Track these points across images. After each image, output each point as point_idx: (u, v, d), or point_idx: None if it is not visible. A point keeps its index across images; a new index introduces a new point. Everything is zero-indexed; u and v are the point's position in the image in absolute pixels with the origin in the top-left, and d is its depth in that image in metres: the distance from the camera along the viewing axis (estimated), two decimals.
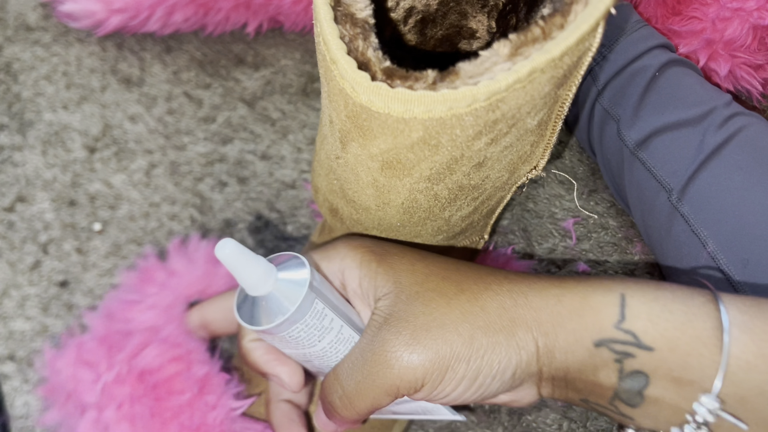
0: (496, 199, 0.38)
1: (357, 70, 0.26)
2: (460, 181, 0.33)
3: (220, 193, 0.51)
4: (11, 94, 0.53)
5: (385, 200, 0.33)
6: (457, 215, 0.36)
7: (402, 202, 0.33)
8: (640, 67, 0.49)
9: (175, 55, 0.57)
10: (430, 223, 0.36)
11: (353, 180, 0.33)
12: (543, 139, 0.35)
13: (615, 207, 0.54)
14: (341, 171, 0.33)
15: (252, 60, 0.57)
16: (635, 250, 0.52)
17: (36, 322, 0.45)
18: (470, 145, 0.30)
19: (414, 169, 0.31)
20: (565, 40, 0.26)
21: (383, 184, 0.32)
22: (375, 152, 0.30)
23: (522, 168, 0.36)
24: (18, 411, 0.43)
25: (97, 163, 0.51)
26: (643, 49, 0.49)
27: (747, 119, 0.45)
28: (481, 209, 0.38)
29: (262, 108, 0.55)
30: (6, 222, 0.48)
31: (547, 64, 0.26)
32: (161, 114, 0.54)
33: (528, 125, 0.31)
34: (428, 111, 0.26)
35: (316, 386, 0.40)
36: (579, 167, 0.55)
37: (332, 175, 0.35)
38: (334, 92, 0.28)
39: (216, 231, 0.50)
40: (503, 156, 0.33)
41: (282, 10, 0.56)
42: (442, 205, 0.34)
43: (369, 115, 0.27)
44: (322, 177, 0.37)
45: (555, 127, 0.34)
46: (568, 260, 0.51)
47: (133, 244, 0.48)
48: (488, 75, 0.26)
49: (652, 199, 0.47)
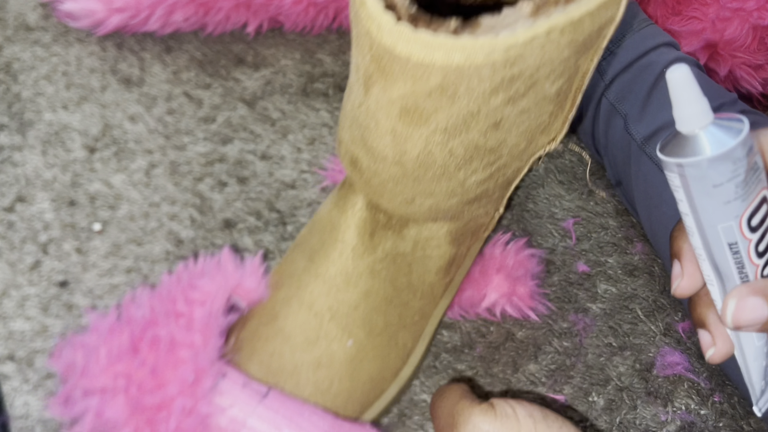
0: (512, 170, 0.39)
1: (383, 11, 0.28)
2: (477, 140, 0.34)
3: (220, 193, 0.51)
4: (11, 93, 0.53)
5: (402, 150, 0.34)
6: (472, 179, 0.37)
7: (418, 154, 0.34)
8: (647, 62, 0.49)
9: (175, 55, 0.57)
10: (445, 183, 0.37)
11: (374, 127, 0.34)
12: (562, 111, 0.36)
13: (615, 207, 0.54)
14: (363, 118, 0.34)
15: (252, 60, 0.57)
16: (635, 250, 0.52)
17: (36, 322, 0.45)
18: (487, 101, 0.31)
19: (431, 118, 0.32)
20: (587, 4, 0.27)
21: (401, 132, 0.33)
22: (395, 96, 0.31)
23: (540, 139, 0.37)
24: (18, 411, 0.43)
25: (97, 163, 0.51)
26: (651, 46, 0.49)
27: (753, 117, 0.46)
28: (497, 177, 0.38)
29: (262, 108, 0.55)
30: (6, 222, 0.48)
31: (566, 25, 0.28)
32: (161, 114, 0.54)
33: (546, 91, 0.32)
34: (447, 57, 0.28)
35: None
36: (578, 167, 0.55)
37: (355, 125, 0.36)
38: (361, 35, 0.30)
39: (216, 230, 0.50)
40: (520, 121, 0.33)
41: (282, 10, 0.56)
42: (458, 164, 0.35)
43: (391, 57, 0.29)
44: (346, 129, 0.38)
45: (575, 100, 0.36)
46: (568, 260, 0.52)
47: (133, 244, 0.49)
48: (509, 30, 0.27)
49: (659, 194, 0.47)
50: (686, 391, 0.47)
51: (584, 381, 0.47)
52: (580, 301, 0.50)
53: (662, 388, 0.47)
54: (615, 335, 0.49)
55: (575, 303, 0.50)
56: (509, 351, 0.48)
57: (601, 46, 0.32)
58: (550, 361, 0.48)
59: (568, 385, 0.47)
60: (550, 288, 0.50)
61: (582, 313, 0.50)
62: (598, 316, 0.50)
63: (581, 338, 0.49)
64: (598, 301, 0.50)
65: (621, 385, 0.47)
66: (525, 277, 0.48)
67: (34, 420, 0.43)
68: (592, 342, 0.49)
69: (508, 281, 0.47)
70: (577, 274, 0.51)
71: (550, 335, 0.49)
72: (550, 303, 0.50)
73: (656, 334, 0.49)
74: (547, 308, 0.49)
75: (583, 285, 0.51)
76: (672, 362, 0.48)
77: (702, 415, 0.47)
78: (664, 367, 0.48)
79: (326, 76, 0.57)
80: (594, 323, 0.49)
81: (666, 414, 0.47)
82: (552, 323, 0.49)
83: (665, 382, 0.48)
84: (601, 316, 0.50)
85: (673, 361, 0.48)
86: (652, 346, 0.49)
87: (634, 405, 0.47)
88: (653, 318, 0.50)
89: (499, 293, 0.47)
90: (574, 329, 0.49)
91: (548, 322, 0.49)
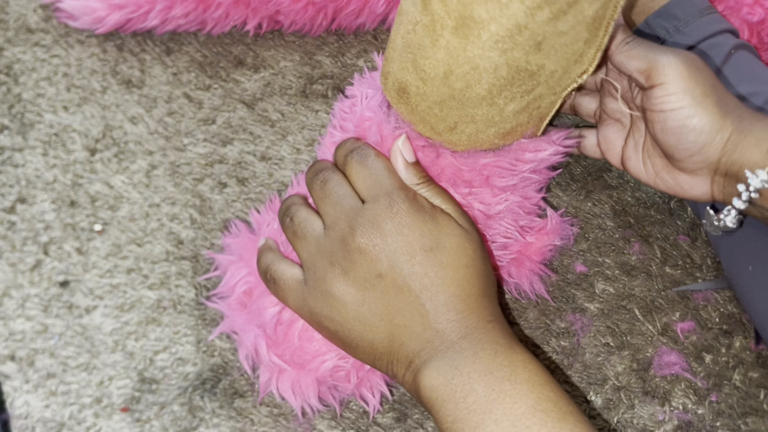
0: (546, 103, 0.42)
1: None
2: (519, 61, 0.38)
3: (220, 193, 0.52)
4: (12, 95, 0.53)
5: (453, 66, 0.38)
6: (511, 107, 0.41)
7: (466, 71, 0.38)
8: (714, 43, 0.51)
9: (176, 56, 0.57)
10: (486, 108, 0.40)
11: (429, 45, 0.38)
12: (596, 40, 0.40)
13: (613, 207, 0.54)
14: (418, 38, 0.38)
15: (252, 62, 0.58)
16: (633, 250, 0.52)
17: (36, 322, 0.45)
18: (533, 15, 0.35)
19: (483, 29, 0.36)
20: None
21: (455, 46, 0.37)
22: (452, 6, 0.36)
23: (574, 69, 0.41)
24: (18, 411, 0.43)
25: (98, 164, 0.51)
26: (717, 30, 0.52)
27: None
28: (532, 108, 0.42)
29: (262, 109, 0.56)
30: (7, 222, 0.48)
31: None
32: (161, 115, 0.54)
33: (585, 12, 0.36)
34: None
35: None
36: (576, 168, 0.56)
37: (406, 51, 0.40)
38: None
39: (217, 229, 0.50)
40: (559, 44, 0.38)
41: (281, 9, 0.57)
42: (501, 86, 0.39)
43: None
44: (394, 60, 0.41)
45: (607, 29, 0.39)
46: (565, 260, 0.52)
47: (134, 244, 0.49)
48: None
49: None
50: (683, 391, 0.48)
51: (582, 380, 0.48)
52: (578, 300, 0.50)
53: (659, 387, 0.48)
54: (612, 335, 0.49)
55: (573, 303, 0.50)
56: None
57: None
58: (548, 360, 0.48)
59: (566, 384, 0.47)
60: (549, 288, 0.50)
61: (580, 312, 0.50)
62: (596, 315, 0.50)
63: (579, 338, 0.49)
64: (596, 300, 0.50)
65: (618, 385, 0.48)
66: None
67: (35, 419, 0.43)
68: (590, 341, 0.49)
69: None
70: (575, 274, 0.51)
71: (548, 335, 0.49)
72: (549, 297, 0.50)
73: (654, 333, 0.49)
74: (546, 301, 0.50)
75: (580, 285, 0.51)
76: (669, 362, 0.49)
77: (699, 414, 0.47)
78: (661, 367, 0.48)
79: (325, 78, 0.58)
80: (592, 323, 0.50)
81: (663, 413, 0.47)
82: (550, 323, 0.49)
83: (662, 381, 0.48)
84: (598, 315, 0.50)
85: (671, 361, 0.49)
86: (650, 346, 0.49)
87: (632, 404, 0.47)
88: (651, 318, 0.50)
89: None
90: (572, 329, 0.49)
91: (546, 322, 0.49)
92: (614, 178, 0.55)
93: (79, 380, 0.44)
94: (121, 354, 0.45)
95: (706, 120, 0.42)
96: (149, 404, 0.44)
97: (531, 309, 0.50)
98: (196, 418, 0.44)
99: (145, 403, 0.44)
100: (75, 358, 0.45)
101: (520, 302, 0.50)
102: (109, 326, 0.46)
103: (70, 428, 0.43)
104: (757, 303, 0.47)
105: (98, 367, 0.45)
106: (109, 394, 0.44)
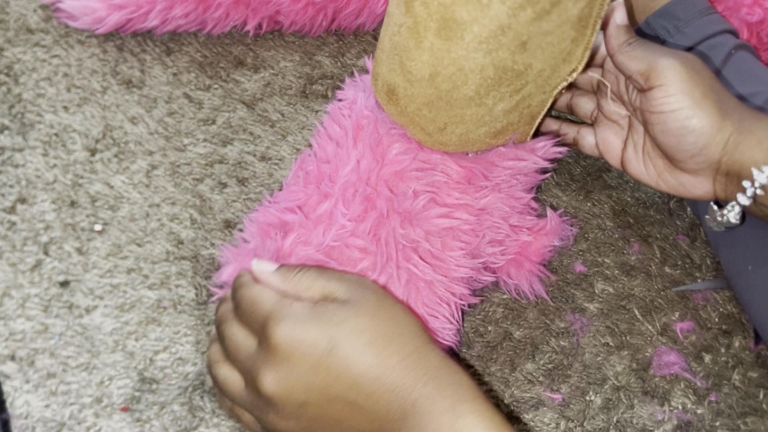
0: (537, 102, 0.42)
1: None
2: (505, 61, 0.38)
3: (220, 194, 0.52)
4: (12, 95, 0.53)
5: (438, 68, 0.38)
6: (500, 107, 0.41)
7: (452, 73, 0.38)
8: (715, 43, 0.52)
9: (176, 57, 0.57)
10: (475, 108, 0.40)
11: (413, 47, 0.38)
12: (583, 38, 0.40)
13: (612, 207, 0.54)
14: (403, 40, 0.39)
15: (252, 62, 0.58)
16: (632, 250, 0.52)
17: (36, 322, 0.46)
18: (516, 15, 0.35)
19: (466, 31, 0.36)
20: None
21: (438, 47, 0.37)
22: (434, 8, 0.36)
23: (563, 68, 0.41)
24: (18, 411, 0.43)
25: (98, 164, 0.51)
26: (717, 30, 0.52)
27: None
28: (522, 107, 0.42)
29: (262, 109, 0.56)
30: (7, 222, 0.48)
31: None
32: (161, 115, 0.54)
33: (569, 11, 0.36)
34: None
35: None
36: (575, 168, 0.56)
37: (393, 53, 0.40)
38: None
39: (217, 230, 0.50)
40: (545, 43, 0.38)
41: (281, 9, 0.57)
42: (488, 87, 0.39)
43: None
44: (383, 62, 0.41)
45: (595, 27, 0.39)
46: (565, 261, 0.52)
47: (134, 244, 0.49)
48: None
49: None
50: (683, 391, 0.48)
51: (581, 380, 0.48)
52: (578, 300, 0.50)
53: (659, 387, 0.48)
54: (612, 335, 0.49)
55: (572, 303, 0.50)
56: (507, 350, 0.48)
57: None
58: (547, 360, 0.48)
59: (566, 384, 0.47)
60: (548, 288, 0.50)
61: (579, 312, 0.50)
62: (596, 315, 0.50)
63: (578, 338, 0.49)
64: (595, 300, 0.50)
65: (618, 385, 0.48)
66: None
67: (35, 419, 0.43)
68: (590, 341, 0.49)
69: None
70: (575, 274, 0.51)
71: (548, 335, 0.49)
72: (548, 298, 0.50)
73: (653, 333, 0.50)
74: (544, 299, 0.50)
75: (580, 285, 0.51)
76: (669, 362, 0.49)
77: (698, 414, 0.47)
78: (660, 367, 0.48)
79: (325, 78, 0.58)
80: (591, 323, 0.50)
81: (663, 413, 0.47)
82: (549, 323, 0.49)
83: (662, 381, 0.48)
84: (598, 315, 0.50)
85: (670, 361, 0.49)
86: (649, 346, 0.49)
87: (631, 404, 0.47)
88: (650, 318, 0.50)
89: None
90: (572, 329, 0.49)
91: (546, 322, 0.49)
92: (614, 178, 0.56)
93: (79, 380, 0.44)
94: (121, 354, 0.45)
95: (706, 121, 0.42)
96: (149, 404, 0.44)
97: (530, 309, 0.50)
98: (196, 417, 0.44)
99: (145, 402, 0.44)
100: (75, 358, 0.45)
101: (520, 302, 0.50)
102: (110, 326, 0.46)
103: (70, 428, 0.43)
104: (756, 303, 0.47)
105: (98, 367, 0.45)
106: (110, 394, 0.44)
